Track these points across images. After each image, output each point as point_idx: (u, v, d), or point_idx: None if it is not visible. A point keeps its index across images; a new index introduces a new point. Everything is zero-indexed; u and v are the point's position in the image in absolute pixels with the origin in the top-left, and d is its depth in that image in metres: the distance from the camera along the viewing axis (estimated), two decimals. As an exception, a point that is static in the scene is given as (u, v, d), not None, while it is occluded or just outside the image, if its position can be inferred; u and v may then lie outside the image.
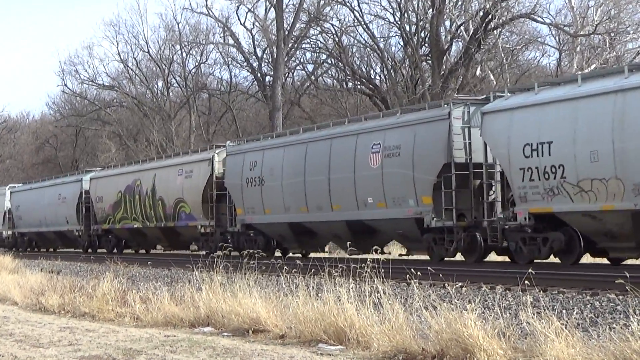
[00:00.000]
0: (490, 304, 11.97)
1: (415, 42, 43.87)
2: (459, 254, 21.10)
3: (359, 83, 48.12)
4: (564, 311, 10.92)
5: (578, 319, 9.91)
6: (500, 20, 39.55)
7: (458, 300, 9.41)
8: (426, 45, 44.51)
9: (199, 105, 60.26)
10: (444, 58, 41.78)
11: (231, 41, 53.36)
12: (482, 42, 39.57)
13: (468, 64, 40.43)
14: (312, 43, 50.44)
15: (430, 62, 42.86)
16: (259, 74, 52.07)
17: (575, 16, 39.50)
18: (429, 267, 12.05)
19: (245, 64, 53.74)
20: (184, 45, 58.02)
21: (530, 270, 10.84)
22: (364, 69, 48.86)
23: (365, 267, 10.95)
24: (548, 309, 9.06)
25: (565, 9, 42.62)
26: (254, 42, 52.51)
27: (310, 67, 52.79)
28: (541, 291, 12.77)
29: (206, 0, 52.44)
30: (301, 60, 53.15)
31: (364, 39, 47.55)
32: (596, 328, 9.49)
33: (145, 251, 38.45)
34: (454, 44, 43.52)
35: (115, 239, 38.05)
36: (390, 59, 46.96)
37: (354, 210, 23.01)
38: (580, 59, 39.02)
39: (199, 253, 28.61)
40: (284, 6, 47.20)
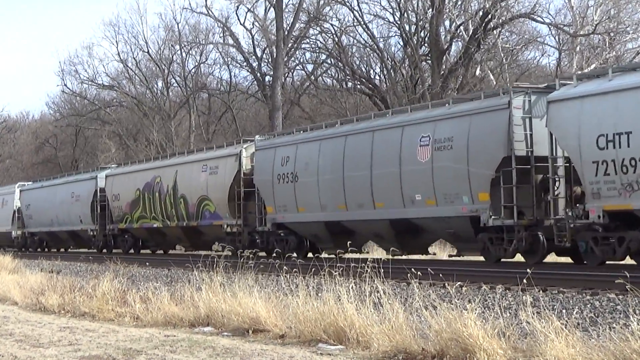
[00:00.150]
0: (490, 303, 11.97)
1: (415, 42, 43.88)
2: (518, 254, 19.69)
3: (358, 83, 48.13)
4: (564, 311, 10.93)
5: (578, 319, 9.91)
6: (500, 20, 39.57)
7: (458, 300, 9.40)
8: (426, 45, 44.52)
9: (198, 105, 60.30)
10: (444, 58, 41.78)
11: (231, 41, 53.46)
12: (482, 42, 39.58)
13: (468, 64, 40.43)
14: (312, 43, 50.60)
15: (430, 62, 42.85)
16: (258, 74, 52.12)
17: (575, 16, 39.53)
18: (429, 268, 12.04)
19: (244, 63, 53.88)
20: (183, 45, 58.13)
21: (529, 270, 10.85)
22: (363, 69, 48.90)
23: (366, 267, 10.96)
24: (548, 309, 9.06)
25: (564, 8, 42.73)
26: (253, 42, 52.65)
27: (309, 67, 52.95)
28: (541, 291, 12.78)
29: (206, 0, 52.46)
30: (301, 60, 53.31)
31: (363, 39, 47.64)
32: (596, 328, 9.49)
33: (163, 252, 36.90)
34: (453, 43, 43.56)
35: (133, 238, 36.53)
36: (389, 59, 46.99)
37: (399, 208, 21.44)
38: (580, 58, 39.03)
39: (223, 254, 27.52)
40: (284, 6, 47.27)
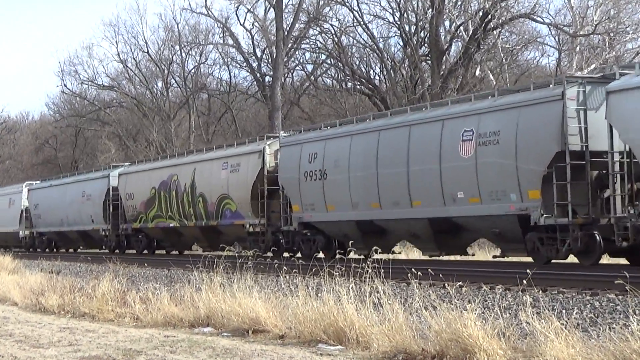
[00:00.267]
0: (490, 304, 11.97)
1: (415, 42, 43.89)
2: (572, 255, 18.59)
3: (358, 83, 48.13)
4: (564, 311, 10.92)
5: (578, 319, 9.91)
6: (500, 20, 39.54)
7: (458, 300, 9.40)
8: (426, 45, 44.53)
9: (198, 105, 60.30)
10: (444, 58, 41.76)
11: (230, 41, 53.46)
12: (482, 42, 39.55)
13: (467, 64, 40.42)
14: (312, 43, 50.61)
15: (429, 62, 42.85)
16: (258, 74, 52.13)
17: (575, 16, 39.49)
18: (429, 268, 12.03)
19: (244, 64, 53.89)
20: (183, 46, 58.12)
21: (529, 270, 10.84)
22: (363, 69, 48.89)
23: (366, 267, 10.96)
24: (548, 309, 9.07)
25: (564, 9, 42.66)
26: (253, 43, 52.65)
27: (309, 67, 52.96)
28: (541, 291, 12.79)
29: (205, 1, 52.36)
30: (300, 61, 53.32)
31: (363, 39, 47.63)
32: (596, 328, 9.50)
33: (179, 252, 35.50)
34: (453, 44, 43.54)
35: (147, 239, 35.19)
36: (389, 59, 47.00)
37: (439, 206, 20.34)
38: (579, 59, 39.00)
39: (244, 254, 26.35)
40: (284, 6, 47.28)
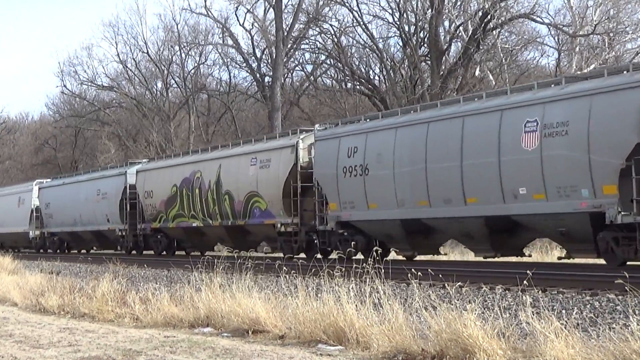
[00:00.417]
0: (489, 304, 11.96)
1: (414, 43, 43.91)
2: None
3: (358, 83, 48.15)
4: (564, 311, 10.93)
5: (577, 319, 9.91)
6: (499, 21, 39.58)
7: (458, 300, 9.40)
8: (425, 45, 44.57)
9: (198, 105, 60.30)
10: (443, 58, 41.79)
11: (230, 42, 53.48)
12: (481, 43, 39.58)
13: (467, 64, 40.45)
14: (311, 43, 50.68)
15: (429, 63, 42.87)
16: (258, 75, 52.15)
17: (574, 16, 39.54)
18: (429, 268, 12.04)
19: (244, 64, 53.91)
20: (183, 46, 58.13)
21: (529, 271, 10.84)
22: (363, 70, 48.92)
23: (366, 267, 10.97)
24: (547, 309, 9.06)
25: (564, 9, 42.74)
26: (253, 43, 52.68)
27: (309, 68, 53.02)
28: (541, 291, 12.80)
29: (205, 1, 52.42)
30: (300, 61, 53.36)
31: (363, 40, 47.69)
32: (596, 328, 9.50)
33: (200, 253, 32.39)
34: (453, 44, 43.60)
35: (167, 239, 33.50)
36: (389, 60, 47.03)
37: (498, 203, 18.96)
38: (579, 59, 39.03)
39: (274, 256, 25.15)
40: (283, 7, 47.32)
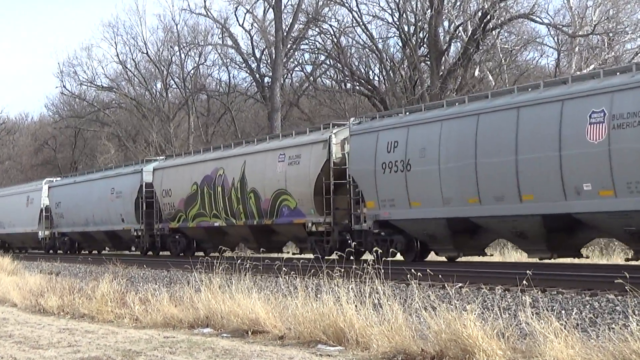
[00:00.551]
0: (489, 304, 11.96)
1: (414, 43, 43.88)
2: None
3: (357, 84, 48.11)
4: (563, 311, 10.92)
5: (577, 320, 9.91)
6: (499, 21, 39.56)
7: (457, 301, 9.41)
8: (425, 45, 44.53)
9: (197, 106, 60.25)
10: (443, 59, 41.76)
11: (230, 42, 53.44)
12: (481, 43, 39.56)
13: (467, 65, 40.43)
14: (311, 44, 50.63)
15: (428, 63, 42.85)
16: (257, 75, 52.12)
17: (574, 16, 39.54)
18: (428, 269, 12.04)
19: (243, 65, 53.85)
20: (182, 47, 58.06)
21: (529, 271, 10.85)
22: (362, 70, 48.89)
23: (366, 268, 10.97)
24: (547, 310, 9.06)
25: (563, 9, 42.72)
26: (252, 43, 52.64)
27: (308, 68, 52.94)
28: (540, 292, 12.80)
29: (204, 1, 52.38)
30: (300, 61, 53.27)
31: (362, 40, 47.63)
32: (595, 328, 9.51)
33: (219, 254, 31.81)
34: (452, 44, 43.55)
35: (186, 239, 32.09)
36: (388, 60, 47.01)
37: (558, 200, 17.77)
38: (578, 59, 39.03)
39: (301, 257, 23.99)
40: (283, 7, 47.29)
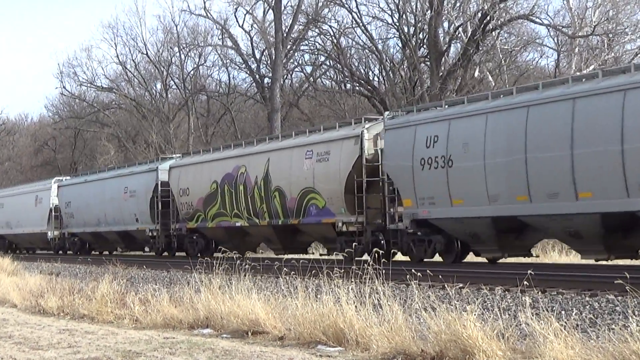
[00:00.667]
0: (489, 305, 11.96)
1: (414, 44, 43.91)
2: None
3: (357, 84, 48.14)
4: (563, 312, 10.91)
5: (577, 320, 9.90)
6: (499, 22, 39.59)
7: (457, 301, 9.41)
8: (424, 46, 44.57)
9: (197, 107, 60.28)
10: (443, 59, 41.79)
11: (229, 43, 53.49)
12: (481, 44, 39.60)
13: (466, 66, 40.45)
14: (311, 45, 50.69)
15: (428, 64, 42.88)
16: (257, 76, 52.15)
17: (574, 17, 39.56)
18: (428, 269, 12.04)
19: (243, 65, 53.90)
20: (182, 47, 58.10)
21: (529, 271, 10.85)
22: (362, 71, 48.92)
23: (366, 268, 10.97)
24: (547, 310, 9.06)
25: (563, 10, 42.82)
26: (252, 44, 52.68)
27: (308, 69, 52.98)
28: (540, 292, 12.80)
29: (204, 2, 52.43)
30: (299, 62, 53.32)
31: (362, 41, 47.65)
32: (595, 329, 9.50)
33: (240, 255, 29.64)
34: (452, 45, 43.60)
35: (204, 239, 30.99)
36: (388, 61, 47.04)
37: (620, 198, 16.81)
38: (578, 60, 39.04)
39: (329, 257, 23.33)
40: (282, 8, 47.33)
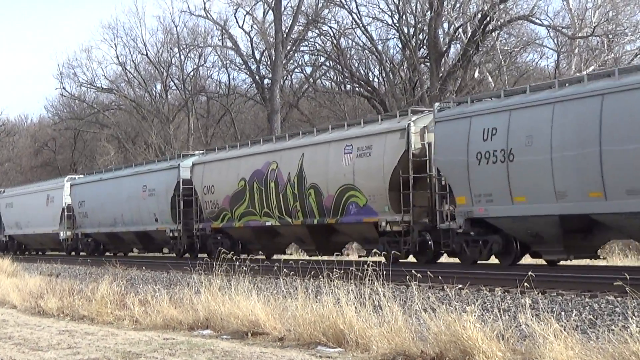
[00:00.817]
0: (489, 306, 11.97)
1: (414, 45, 43.92)
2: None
3: (357, 85, 48.15)
4: (563, 313, 10.92)
5: (577, 321, 9.90)
6: (499, 22, 39.60)
7: (457, 302, 9.41)
8: (424, 47, 44.58)
9: (197, 108, 60.27)
10: (442, 60, 41.81)
11: (229, 44, 53.48)
12: (480, 44, 39.61)
13: (466, 66, 40.46)
14: (311, 45, 50.70)
15: (428, 65, 42.90)
16: (257, 77, 52.17)
17: (574, 18, 39.55)
18: (428, 271, 12.04)
19: (243, 66, 53.91)
20: (182, 48, 58.09)
21: (529, 272, 10.85)
22: (362, 72, 48.91)
23: (367, 269, 10.97)
24: (547, 311, 9.06)
25: (563, 10, 42.82)
26: (252, 45, 52.68)
27: (308, 70, 52.99)
28: (540, 293, 12.79)
29: (204, 3, 52.38)
30: (299, 63, 53.35)
31: (362, 42, 47.65)
32: (595, 330, 9.51)
33: (266, 257, 27.68)
34: (452, 46, 43.62)
35: (230, 240, 28.88)
36: (388, 61, 47.04)
37: None
38: (578, 60, 39.04)
39: (370, 259, 18.51)
40: (282, 9, 47.33)
